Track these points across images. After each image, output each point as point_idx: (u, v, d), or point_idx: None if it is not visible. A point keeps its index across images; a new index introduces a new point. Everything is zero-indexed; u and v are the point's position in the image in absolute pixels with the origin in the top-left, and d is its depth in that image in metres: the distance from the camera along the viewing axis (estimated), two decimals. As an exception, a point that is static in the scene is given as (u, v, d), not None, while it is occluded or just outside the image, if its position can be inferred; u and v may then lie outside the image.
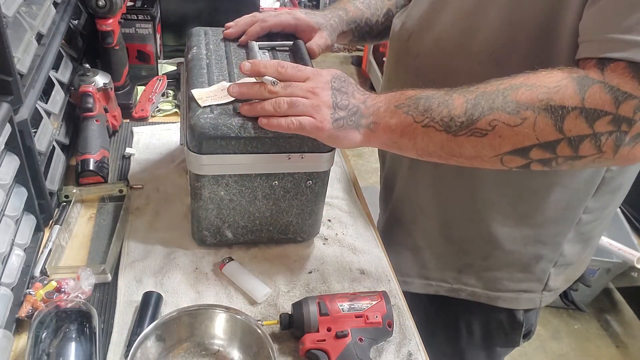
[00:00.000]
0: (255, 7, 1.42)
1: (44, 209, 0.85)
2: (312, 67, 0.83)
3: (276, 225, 0.84)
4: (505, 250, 0.89)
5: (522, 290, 0.92)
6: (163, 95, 1.24)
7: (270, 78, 0.70)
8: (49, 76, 0.90)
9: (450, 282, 0.96)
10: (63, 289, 0.74)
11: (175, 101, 1.24)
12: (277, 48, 0.90)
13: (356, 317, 0.71)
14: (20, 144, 0.75)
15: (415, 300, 0.91)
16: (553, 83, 0.61)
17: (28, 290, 0.74)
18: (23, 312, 0.71)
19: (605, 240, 2.00)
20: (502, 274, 0.91)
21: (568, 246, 0.89)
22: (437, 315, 1.01)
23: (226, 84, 0.78)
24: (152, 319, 0.72)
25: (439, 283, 0.97)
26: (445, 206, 0.91)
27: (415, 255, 0.97)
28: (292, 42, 0.90)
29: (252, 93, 0.71)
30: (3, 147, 0.71)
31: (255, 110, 0.71)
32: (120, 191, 0.94)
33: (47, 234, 0.86)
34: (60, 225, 0.86)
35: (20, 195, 0.77)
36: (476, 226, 0.88)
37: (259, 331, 0.69)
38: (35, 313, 0.69)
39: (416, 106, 0.67)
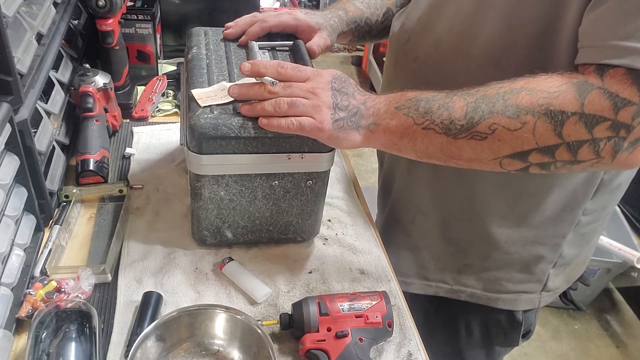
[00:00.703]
0: (255, 7, 1.42)
1: (44, 209, 0.85)
2: (313, 67, 0.83)
3: (276, 225, 0.84)
4: (504, 251, 0.89)
5: (522, 292, 0.92)
6: (163, 95, 1.24)
7: (270, 78, 0.70)
8: (49, 76, 0.90)
9: (449, 283, 0.96)
10: (63, 289, 0.74)
11: (175, 101, 1.24)
12: (277, 48, 0.90)
13: (356, 317, 0.71)
14: (20, 144, 0.75)
15: (415, 301, 0.91)
16: (553, 88, 0.61)
17: (28, 290, 0.74)
18: (23, 312, 0.71)
19: (605, 240, 2.00)
20: (501, 275, 0.91)
21: (567, 247, 0.89)
22: (436, 315, 1.01)
23: (226, 84, 0.78)
24: (152, 319, 0.72)
25: (438, 284, 0.97)
26: (443, 207, 0.91)
27: (414, 255, 0.97)
28: (292, 42, 0.90)
29: (252, 93, 0.71)
30: (3, 147, 0.71)
31: (255, 111, 0.71)
32: (120, 191, 0.94)
33: (47, 234, 0.86)
34: (60, 225, 0.86)
35: (20, 195, 0.77)
36: (475, 227, 0.88)
37: (259, 331, 0.69)
38: (35, 313, 0.69)
39: (416, 108, 0.67)
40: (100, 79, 1.03)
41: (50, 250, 0.82)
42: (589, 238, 0.91)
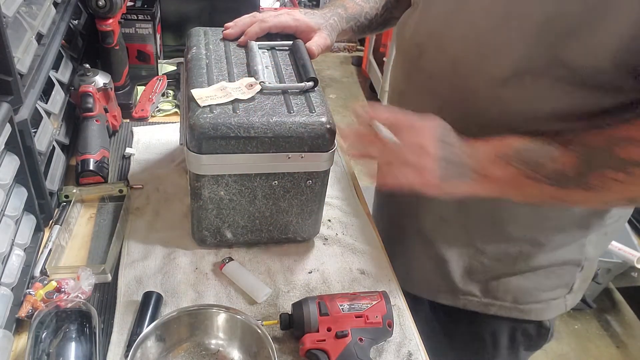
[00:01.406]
0: (255, 7, 1.42)
1: (44, 209, 0.85)
2: (312, 66, 0.82)
3: (276, 225, 0.84)
4: (532, 260, 0.87)
5: (551, 299, 0.91)
6: (163, 95, 1.24)
7: (388, 133, 0.70)
8: (49, 76, 0.90)
9: (478, 296, 0.93)
10: (63, 289, 0.74)
11: (175, 101, 1.24)
12: (276, 48, 0.90)
13: (356, 317, 0.71)
14: (20, 144, 0.75)
15: (417, 303, 0.90)
16: None
17: (28, 290, 0.74)
18: (23, 312, 0.71)
19: (605, 240, 2.00)
20: (530, 283, 0.89)
21: (592, 247, 0.88)
22: (445, 323, 0.99)
23: (226, 84, 0.78)
24: (152, 319, 0.72)
25: (466, 297, 0.94)
26: (467, 218, 0.88)
27: (439, 266, 0.94)
28: (291, 42, 0.90)
29: (364, 141, 0.72)
30: (3, 147, 0.71)
31: (364, 156, 0.73)
32: (120, 191, 0.94)
33: (47, 234, 0.86)
34: (60, 225, 0.86)
35: (20, 195, 0.77)
36: (500, 237, 0.86)
37: (259, 331, 0.69)
38: (35, 313, 0.69)
39: (521, 158, 0.66)
40: (100, 79, 1.04)
41: (50, 250, 0.82)
42: (610, 236, 0.90)
